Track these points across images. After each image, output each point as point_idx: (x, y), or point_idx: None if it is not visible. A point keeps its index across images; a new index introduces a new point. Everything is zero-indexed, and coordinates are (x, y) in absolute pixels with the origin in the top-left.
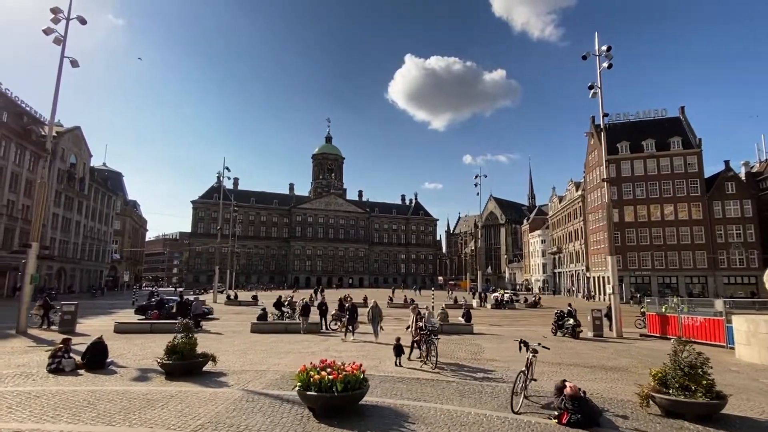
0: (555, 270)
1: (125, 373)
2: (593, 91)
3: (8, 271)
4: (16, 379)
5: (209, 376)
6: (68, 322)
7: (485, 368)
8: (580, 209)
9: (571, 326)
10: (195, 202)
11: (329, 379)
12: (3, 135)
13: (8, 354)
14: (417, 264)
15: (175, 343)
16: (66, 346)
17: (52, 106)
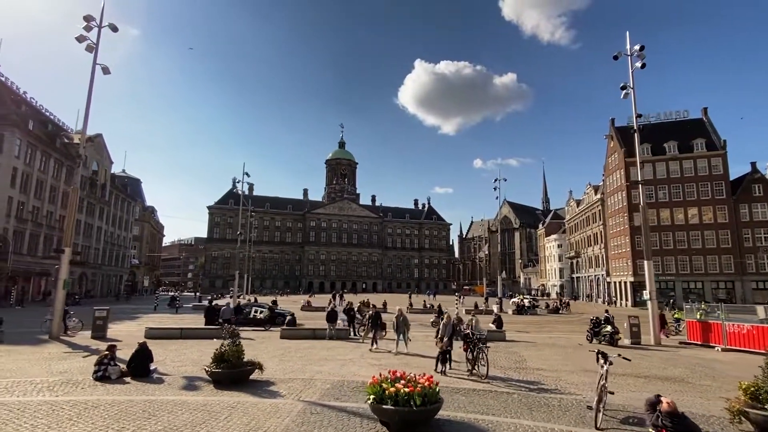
0: (573, 275)
1: (172, 382)
2: (625, 92)
3: (33, 276)
4: (65, 387)
5: (258, 385)
6: (100, 328)
7: (535, 379)
8: (600, 213)
9: (609, 333)
10: (211, 207)
11: (406, 392)
12: (29, 143)
13: (47, 360)
14: (430, 269)
15: (223, 351)
16: (111, 353)
17: (85, 113)
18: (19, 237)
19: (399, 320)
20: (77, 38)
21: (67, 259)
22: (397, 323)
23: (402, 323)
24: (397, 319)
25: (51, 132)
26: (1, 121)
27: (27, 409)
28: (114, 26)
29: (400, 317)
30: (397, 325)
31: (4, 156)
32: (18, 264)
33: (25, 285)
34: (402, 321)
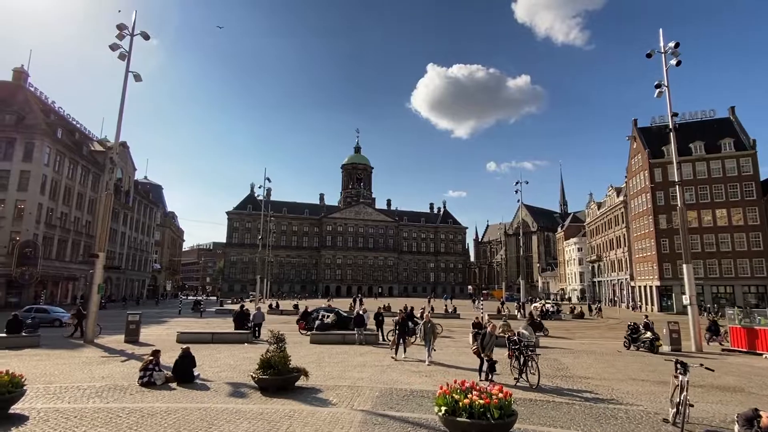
0: (594, 279)
1: (218, 388)
2: (659, 90)
3: (61, 281)
4: (113, 393)
5: (304, 392)
6: (133, 332)
7: (586, 387)
8: (622, 215)
9: (649, 340)
10: (230, 213)
11: (481, 404)
12: (58, 151)
13: (86, 364)
14: (446, 273)
15: (269, 357)
16: (155, 358)
17: (118, 120)
18: (48, 242)
19: (427, 327)
20: (111, 46)
21: (102, 264)
22: (425, 330)
23: (430, 331)
24: (424, 326)
25: (78, 140)
26: (32, 131)
27: (84, 416)
28: (146, 34)
29: (428, 324)
30: (424, 332)
31: (34, 164)
32: (47, 269)
33: (53, 289)
34: (430, 328)
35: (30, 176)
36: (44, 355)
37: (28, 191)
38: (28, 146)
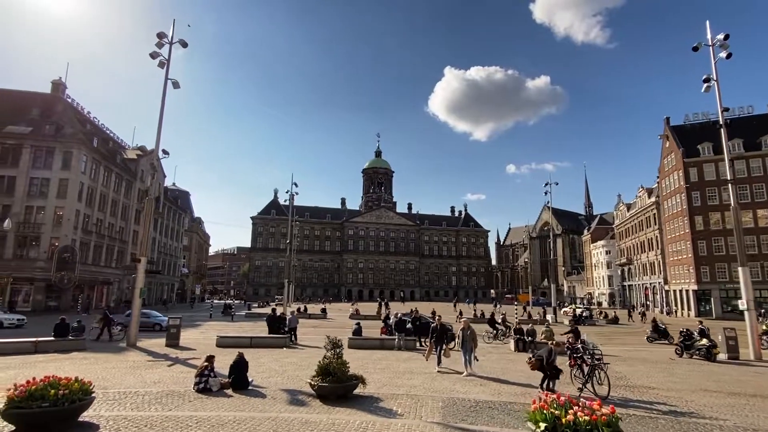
0: (624, 282)
1: (275, 396)
2: (707, 85)
3: (96, 285)
4: (173, 400)
5: (364, 400)
6: (173, 336)
7: (657, 399)
8: (655, 217)
9: (705, 347)
10: (254, 218)
11: (587, 421)
12: (94, 159)
13: (134, 368)
14: (468, 276)
15: (327, 363)
16: (211, 364)
17: (158, 125)
18: (85, 248)
19: (466, 334)
20: (151, 54)
21: (143, 268)
22: (464, 337)
23: (469, 338)
24: (463, 333)
25: (112, 149)
26: (70, 140)
27: (153, 425)
28: (184, 42)
29: (467, 330)
30: (464, 340)
31: (72, 172)
32: (83, 273)
33: (89, 293)
34: (469, 335)
35: (68, 184)
36: (92, 359)
37: (67, 198)
38: (67, 155)
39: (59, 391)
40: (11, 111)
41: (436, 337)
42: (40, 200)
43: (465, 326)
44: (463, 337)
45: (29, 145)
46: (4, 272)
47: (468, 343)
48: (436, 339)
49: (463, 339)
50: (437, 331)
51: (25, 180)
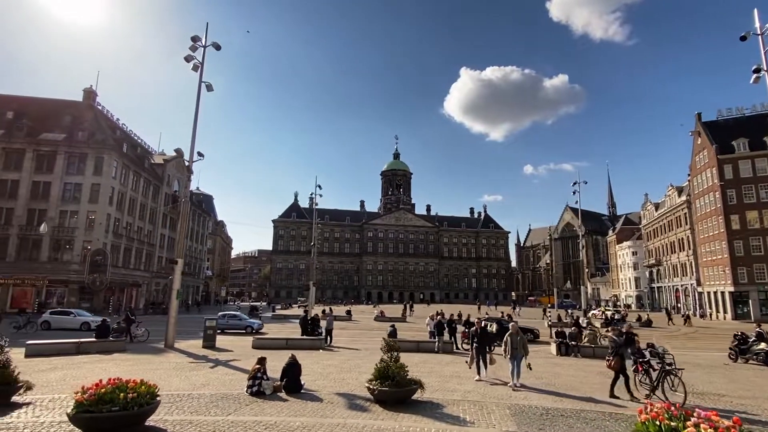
0: (652, 284)
1: (332, 400)
2: (757, 76)
3: (126, 287)
4: (230, 404)
5: (425, 406)
6: (210, 337)
7: (734, 407)
8: (686, 216)
9: (764, 352)
10: (275, 221)
11: None
12: (124, 165)
13: (179, 370)
14: (489, 278)
15: (386, 367)
16: (263, 366)
17: (193, 128)
18: (115, 251)
19: (515, 340)
20: (185, 58)
21: (180, 270)
22: (513, 344)
23: (519, 344)
24: (512, 339)
25: (140, 154)
26: (101, 146)
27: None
28: (217, 45)
29: (516, 336)
30: (512, 346)
31: (104, 177)
32: (114, 276)
33: (119, 295)
34: (519, 341)
35: (100, 189)
36: (134, 360)
37: (99, 203)
38: (98, 161)
39: (128, 394)
40: (46, 119)
41: (479, 342)
42: (73, 205)
43: (514, 331)
44: (512, 343)
45: (63, 151)
46: (40, 275)
47: (519, 351)
48: (479, 344)
49: (513, 345)
50: (479, 335)
51: (60, 185)
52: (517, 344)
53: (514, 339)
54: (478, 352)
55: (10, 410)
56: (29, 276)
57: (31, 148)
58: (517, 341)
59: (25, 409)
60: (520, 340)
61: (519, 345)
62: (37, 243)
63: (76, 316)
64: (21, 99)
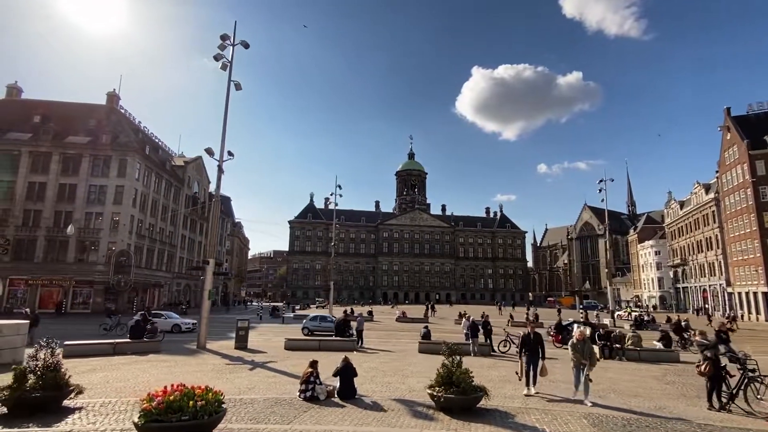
0: (677, 285)
1: (392, 407)
2: None
3: (149, 288)
4: (288, 410)
5: (494, 414)
6: (242, 338)
7: None
8: (714, 214)
9: None
10: (292, 222)
11: None
12: (146, 167)
13: (218, 372)
14: (505, 279)
15: (450, 372)
16: (315, 370)
17: (223, 127)
18: (138, 252)
19: (582, 348)
20: (215, 57)
21: (212, 270)
22: (580, 351)
23: (587, 353)
24: (577, 348)
25: (161, 156)
26: (125, 149)
27: None
28: (246, 43)
29: (584, 344)
30: (581, 354)
31: (127, 179)
32: (137, 276)
33: (142, 295)
34: (587, 350)
35: (124, 191)
36: (171, 362)
37: (122, 204)
38: (122, 163)
39: (197, 402)
40: (71, 122)
41: (530, 349)
42: (98, 206)
43: (580, 338)
44: (580, 351)
45: (88, 154)
46: (67, 275)
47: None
48: (530, 352)
49: (582, 354)
50: (531, 341)
51: (85, 187)
52: (585, 353)
53: (582, 348)
54: (528, 362)
55: (63, 416)
56: (56, 277)
57: (57, 152)
58: (585, 350)
59: (78, 415)
60: (588, 349)
61: (586, 354)
62: (63, 244)
63: (167, 318)
64: (46, 103)
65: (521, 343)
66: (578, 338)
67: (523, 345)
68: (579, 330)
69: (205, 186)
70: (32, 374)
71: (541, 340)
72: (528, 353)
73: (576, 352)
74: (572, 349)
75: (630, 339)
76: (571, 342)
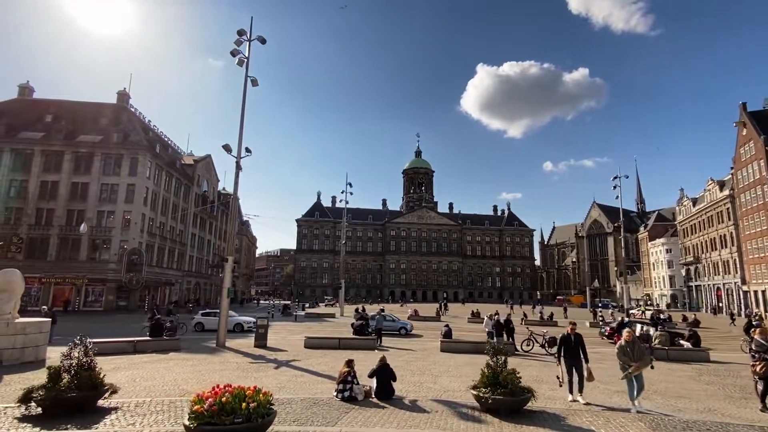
0: (689, 283)
1: (435, 408)
2: None
3: (160, 286)
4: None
5: (543, 416)
6: (261, 336)
7: None
8: (728, 211)
9: None
10: (299, 220)
11: None
12: (157, 165)
13: (244, 371)
14: (513, 277)
15: (496, 372)
16: (352, 369)
17: (240, 122)
18: (149, 250)
19: (633, 349)
20: (231, 52)
21: (230, 268)
22: (630, 354)
23: (637, 354)
24: (631, 348)
25: (171, 155)
26: (136, 147)
27: None
28: (262, 39)
29: (633, 345)
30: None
31: (138, 178)
32: (149, 274)
33: (154, 294)
34: (637, 351)
35: (135, 189)
36: (194, 360)
37: (134, 203)
38: (133, 162)
39: (249, 403)
40: (82, 121)
41: (570, 352)
42: (109, 205)
43: (630, 339)
44: (629, 353)
45: (99, 152)
46: (80, 274)
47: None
48: (571, 356)
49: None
50: (572, 343)
51: (97, 186)
52: (637, 353)
53: (633, 349)
54: (569, 366)
55: (100, 417)
56: (69, 275)
57: (69, 150)
58: (636, 350)
59: (116, 416)
60: (638, 350)
61: (638, 355)
62: (76, 243)
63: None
64: (58, 102)
65: (560, 345)
66: (627, 339)
67: (563, 347)
68: (627, 330)
69: (214, 184)
70: (66, 373)
71: (582, 342)
72: (567, 356)
73: (624, 356)
74: (620, 352)
75: (657, 338)
76: (618, 344)
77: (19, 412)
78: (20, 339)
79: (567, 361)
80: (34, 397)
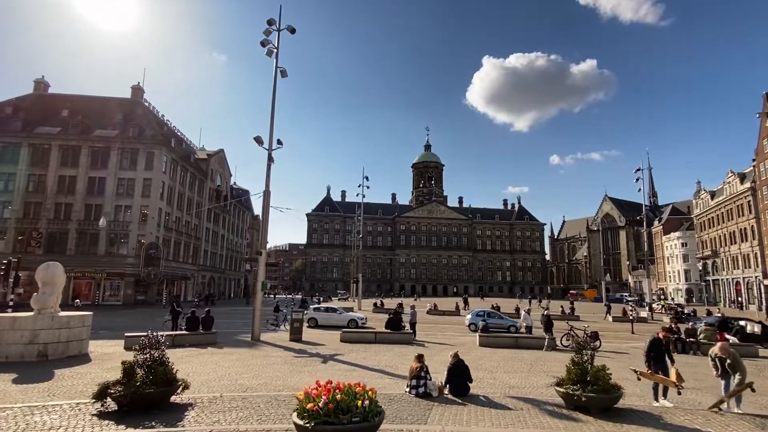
0: (707, 277)
1: (517, 406)
2: None
3: (176, 280)
4: (412, 408)
5: (637, 415)
6: (297, 330)
7: None
8: (749, 204)
9: None
10: (309, 215)
11: None
12: (172, 160)
13: (290, 366)
14: (524, 272)
15: (584, 369)
16: (424, 364)
17: (271, 114)
18: (166, 244)
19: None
20: (261, 42)
21: (264, 261)
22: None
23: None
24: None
25: (185, 150)
26: (151, 142)
27: None
28: (292, 28)
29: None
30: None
31: (155, 172)
32: (165, 268)
33: (171, 288)
34: (733, 358)
35: (152, 183)
36: (236, 354)
37: (150, 197)
38: (149, 156)
39: (363, 401)
40: (98, 116)
41: (659, 355)
42: (127, 199)
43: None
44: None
45: (116, 147)
46: (99, 268)
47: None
48: (658, 359)
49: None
50: (661, 346)
51: (114, 180)
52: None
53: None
54: (656, 370)
55: (179, 413)
56: (88, 269)
57: (86, 145)
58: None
59: (195, 412)
60: (732, 359)
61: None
62: (94, 237)
63: (342, 313)
64: (73, 97)
65: (649, 348)
66: (721, 353)
67: (652, 351)
68: (720, 345)
69: (226, 179)
70: (140, 368)
71: (669, 346)
72: (655, 360)
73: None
74: (713, 361)
75: (703, 333)
76: (713, 352)
77: (95, 408)
78: (65, 333)
79: (654, 364)
80: (111, 393)
